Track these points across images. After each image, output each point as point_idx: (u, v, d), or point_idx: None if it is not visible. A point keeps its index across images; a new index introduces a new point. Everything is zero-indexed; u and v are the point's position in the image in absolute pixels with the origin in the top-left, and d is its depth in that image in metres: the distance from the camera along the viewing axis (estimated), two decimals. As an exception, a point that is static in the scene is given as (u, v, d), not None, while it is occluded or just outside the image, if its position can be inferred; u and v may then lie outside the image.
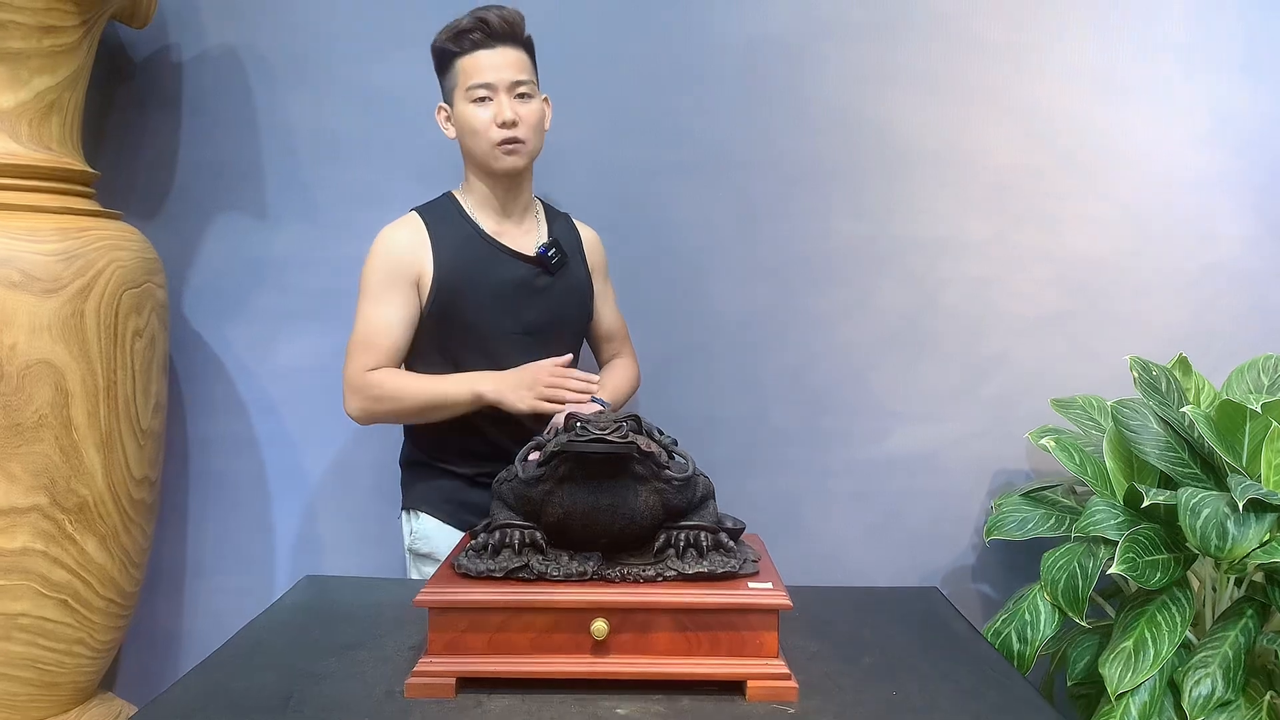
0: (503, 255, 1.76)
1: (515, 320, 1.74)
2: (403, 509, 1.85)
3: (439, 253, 1.72)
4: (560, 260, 1.78)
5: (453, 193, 1.81)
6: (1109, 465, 1.83)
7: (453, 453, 1.77)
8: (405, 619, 1.43)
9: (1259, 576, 1.71)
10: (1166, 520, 1.70)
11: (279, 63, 2.08)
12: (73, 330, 1.69)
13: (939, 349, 2.14)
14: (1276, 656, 1.62)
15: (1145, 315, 2.12)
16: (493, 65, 1.68)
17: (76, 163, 1.83)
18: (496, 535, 1.23)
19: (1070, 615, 1.71)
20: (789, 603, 1.17)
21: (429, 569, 1.78)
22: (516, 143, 1.70)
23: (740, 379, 2.14)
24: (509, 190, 1.77)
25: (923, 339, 2.14)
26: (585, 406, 1.63)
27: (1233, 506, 1.55)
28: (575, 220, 1.90)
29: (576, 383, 1.65)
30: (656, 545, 1.23)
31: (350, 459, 2.13)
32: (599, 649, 1.18)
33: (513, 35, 1.70)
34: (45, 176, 1.75)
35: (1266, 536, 1.55)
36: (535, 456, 1.24)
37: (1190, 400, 1.88)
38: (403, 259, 1.72)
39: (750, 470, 2.13)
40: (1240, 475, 1.63)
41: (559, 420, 1.57)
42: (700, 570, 1.20)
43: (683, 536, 1.23)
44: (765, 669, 1.18)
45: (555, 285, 1.79)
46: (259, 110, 2.09)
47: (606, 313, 1.93)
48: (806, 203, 2.11)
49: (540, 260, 1.77)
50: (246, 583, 2.14)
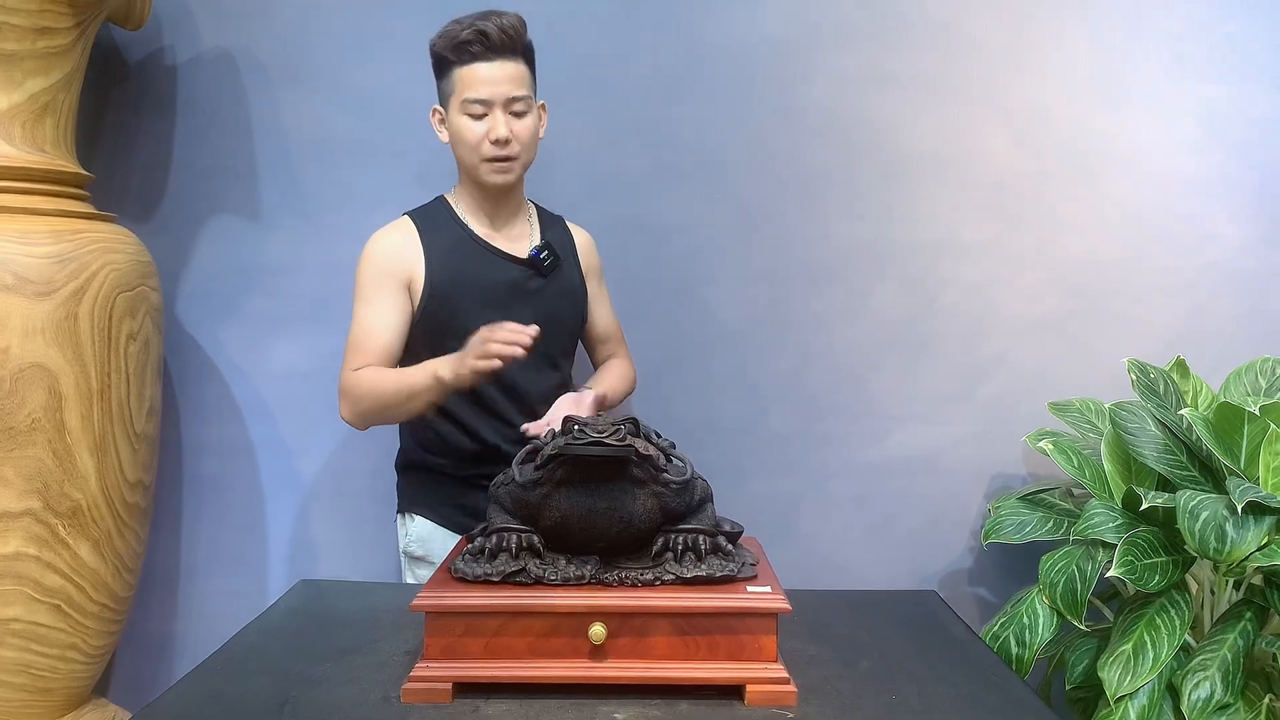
0: (495, 258, 1.75)
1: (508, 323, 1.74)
2: (398, 512, 1.85)
3: (431, 256, 1.72)
4: (552, 263, 1.78)
5: (445, 196, 1.81)
6: (1107, 468, 1.83)
7: (448, 455, 1.76)
8: (401, 623, 1.42)
9: (1258, 579, 1.71)
10: (1165, 523, 1.69)
11: (273, 65, 2.08)
12: (66, 333, 1.68)
13: (936, 352, 2.14)
14: (1275, 659, 1.61)
15: (1143, 317, 2.12)
16: (490, 79, 1.65)
17: (70, 165, 1.82)
18: (493, 539, 1.22)
19: (1069, 618, 1.71)
20: (788, 606, 1.17)
21: (424, 572, 1.77)
22: (508, 160, 1.69)
23: (738, 382, 2.13)
24: (501, 195, 1.76)
25: (920, 342, 2.14)
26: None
27: (1231, 509, 1.55)
28: (569, 223, 1.90)
29: (505, 333, 1.51)
30: (654, 549, 1.22)
31: (345, 462, 2.12)
32: (597, 653, 1.17)
33: (512, 47, 1.66)
34: (39, 179, 1.75)
35: (1265, 539, 1.55)
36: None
37: (1188, 403, 1.88)
38: (393, 262, 1.71)
39: (748, 473, 2.12)
40: (1239, 478, 1.63)
41: (548, 422, 1.56)
42: (698, 574, 1.20)
43: (681, 540, 1.22)
44: (764, 673, 1.18)
45: (548, 288, 1.78)
46: (253, 113, 2.08)
47: (601, 315, 1.92)
48: (804, 206, 2.11)
49: (532, 263, 1.76)
50: (241, 587, 2.13)
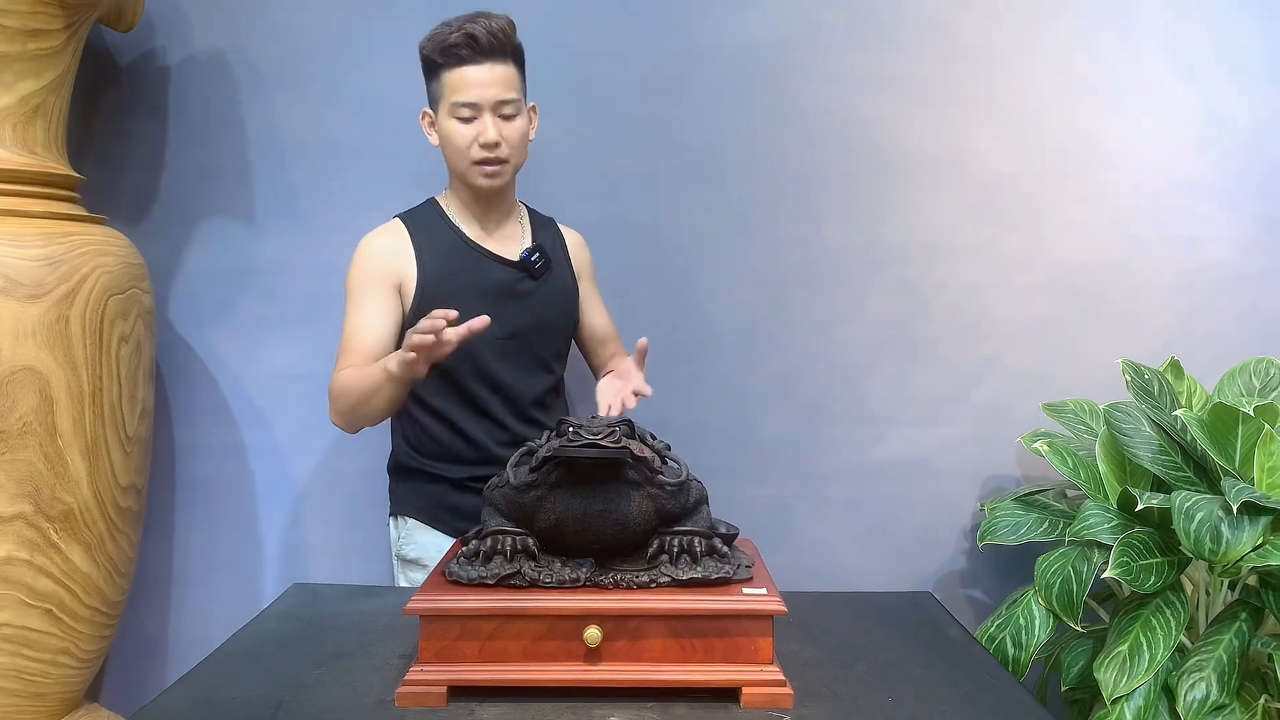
0: (486, 260, 1.74)
1: (499, 325, 1.71)
2: (390, 514, 1.84)
3: (422, 259, 1.71)
4: (543, 265, 1.77)
5: (436, 199, 1.80)
6: (1102, 469, 1.83)
7: (440, 457, 1.76)
8: (395, 627, 1.42)
9: (1253, 580, 1.71)
10: (1160, 524, 1.69)
11: (265, 67, 2.07)
12: (57, 336, 1.67)
13: (931, 354, 2.14)
14: (1270, 660, 1.61)
15: (1136, 319, 2.12)
16: (478, 83, 1.63)
17: (61, 167, 1.81)
18: (488, 542, 1.22)
19: (1065, 620, 1.70)
20: (784, 608, 1.17)
21: (416, 574, 1.77)
22: (498, 163, 1.68)
23: (733, 384, 2.13)
24: (492, 198, 1.75)
25: (914, 344, 2.13)
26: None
27: (1226, 510, 1.55)
28: (560, 225, 1.89)
29: (426, 322, 1.43)
30: (650, 551, 1.22)
31: (338, 465, 2.11)
32: (592, 656, 1.17)
33: (500, 50, 1.64)
34: (29, 181, 1.74)
35: (1260, 539, 1.55)
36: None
37: (1183, 403, 1.88)
38: (383, 264, 1.71)
39: (744, 475, 2.12)
40: (1233, 478, 1.63)
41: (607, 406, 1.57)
42: (694, 576, 1.19)
43: (676, 542, 1.22)
44: (760, 675, 1.17)
45: (539, 290, 1.77)
46: (246, 114, 2.07)
47: (597, 317, 1.91)
48: (797, 208, 2.11)
49: (523, 265, 1.75)
50: (234, 591, 2.12)
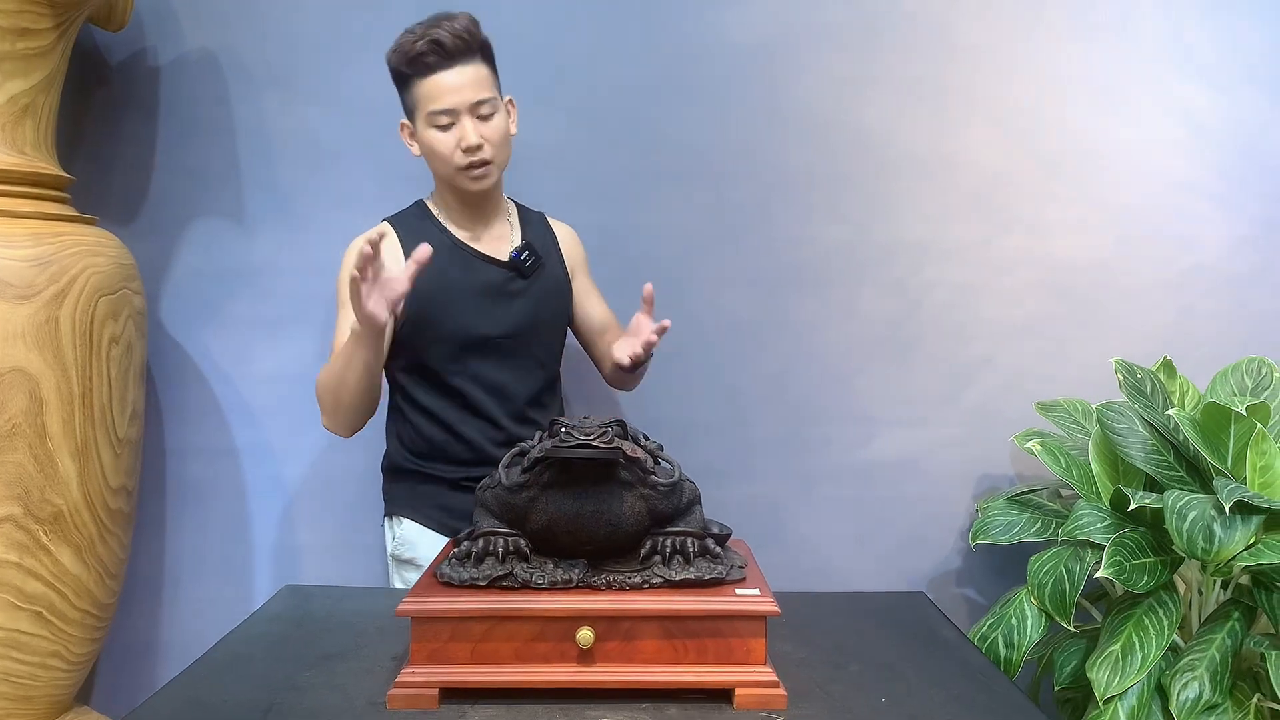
0: (476, 261, 1.74)
1: (491, 325, 1.72)
2: (385, 515, 1.83)
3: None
4: (534, 263, 1.76)
5: (424, 200, 1.80)
6: (1094, 468, 1.83)
7: (435, 458, 1.75)
8: (387, 628, 1.42)
9: (1245, 579, 1.71)
10: (1153, 523, 1.69)
11: (256, 67, 2.06)
12: (47, 337, 1.66)
13: (922, 354, 2.14)
14: (1263, 659, 1.61)
15: (1128, 318, 2.12)
16: (452, 88, 1.61)
17: (51, 167, 1.80)
18: (480, 543, 1.21)
19: (1057, 619, 1.70)
20: (777, 609, 1.16)
21: (412, 575, 1.76)
22: (484, 165, 1.66)
23: (725, 384, 2.13)
24: (480, 198, 1.74)
25: (906, 344, 2.13)
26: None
27: (1219, 509, 1.55)
28: (550, 218, 1.88)
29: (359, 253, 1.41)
30: (642, 552, 1.22)
31: (330, 466, 2.10)
32: (585, 658, 1.17)
33: (468, 50, 1.61)
34: (19, 181, 1.73)
35: (1252, 539, 1.55)
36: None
37: (1175, 403, 1.88)
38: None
39: (736, 476, 2.12)
40: (1226, 478, 1.63)
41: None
42: (687, 577, 1.19)
43: (669, 543, 1.22)
44: (753, 676, 1.17)
45: (531, 288, 1.77)
46: (237, 115, 2.07)
47: (595, 307, 1.90)
48: (788, 208, 2.11)
49: (514, 264, 1.75)
50: (225, 593, 2.11)
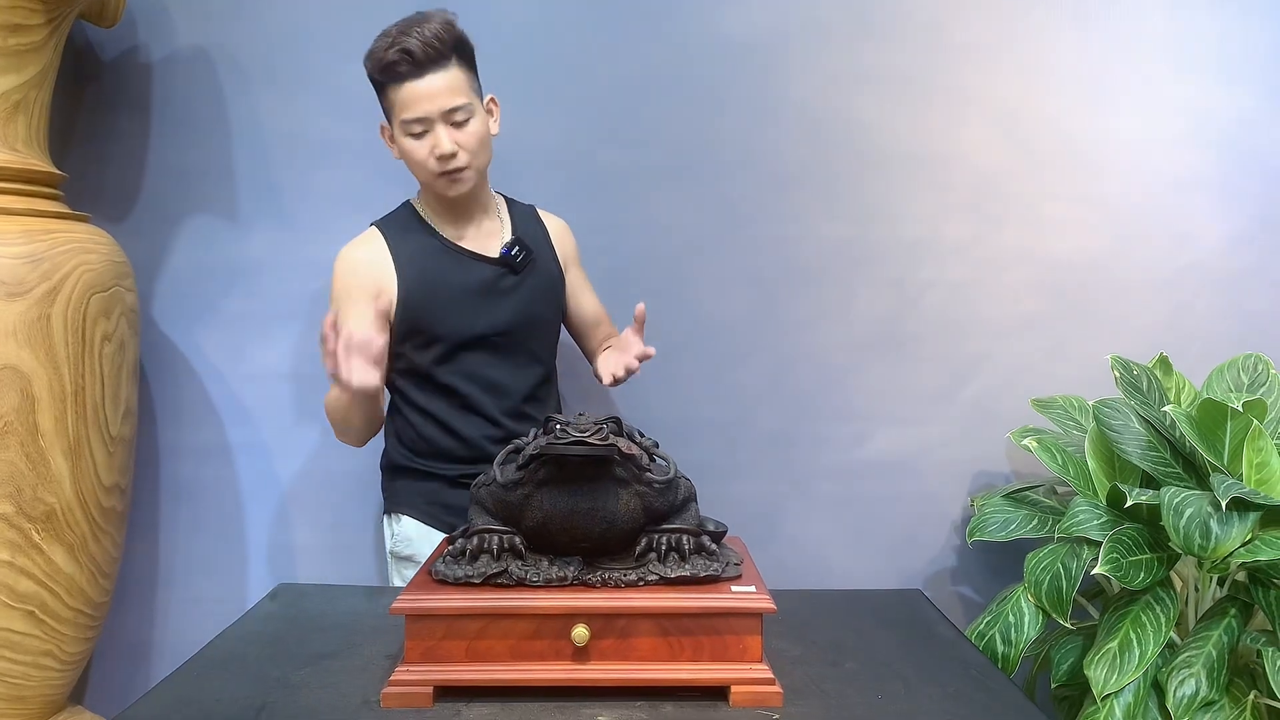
0: (466, 260, 1.72)
1: (485, 323, 1.71)
2: (384, 512, 1.83)
3: (401, 266, 1.69)
4: (525, 258, 1.75)
5: (411, 201, 1.78)
6: (1091, 465, 1.83)
7: (433, 454, 1.75)
8: (382, 627, 1.41)
9: (1242, 575, 1.71)
10: (1149, 520, 1.69)
11: (250, 63, 2.05)
12: (39, 334, 1.65)
13: (919, 351, 2.13)
14: (1260, 655, 1.61)
15: (1125, 315, 2.12)
16: (423, 97, 1.58)
17: (43, 164, 1.79)
18: (474, 540, 1.21)
19: (1054, 616, 1.70)
20: (773, 606, 1.16)
21: (411, 572, 1.75)
22: (459, 170, 1.65)
23: (720, 382, 2.12)
24: (464, 198, 1.72)
25: (902, 341, 2.13)
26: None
27: (1215, 506, 1.55)
28: (541, 211, 1.87)
29: (330, 344, 1.43)
30: (638, 549, 1.21)
31: (324, 465, 2.10)
32: (580, 655, 1.16)
33: (439, 56, 1.58)
34: (11, 178, 1.72)
35: (1249, 535, 1.54)
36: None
37: (1171, 399, 1.88)
38: (361, 277, 1.69)
39: (732, 473, 2.11)
40: (1222, 474, 1.63)
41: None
42: (682, 574, 1.19)
43: (664, 540, 1.21)
44: (749, 674, 1.17)
45: (523, 284, 1.76)
46: (230, 111, 2.05)
47: (587, 300, 1.90)
48: (784, 206, 2.10)
49: (505, 261, 1.74)
50: (219, 591, 2.10)
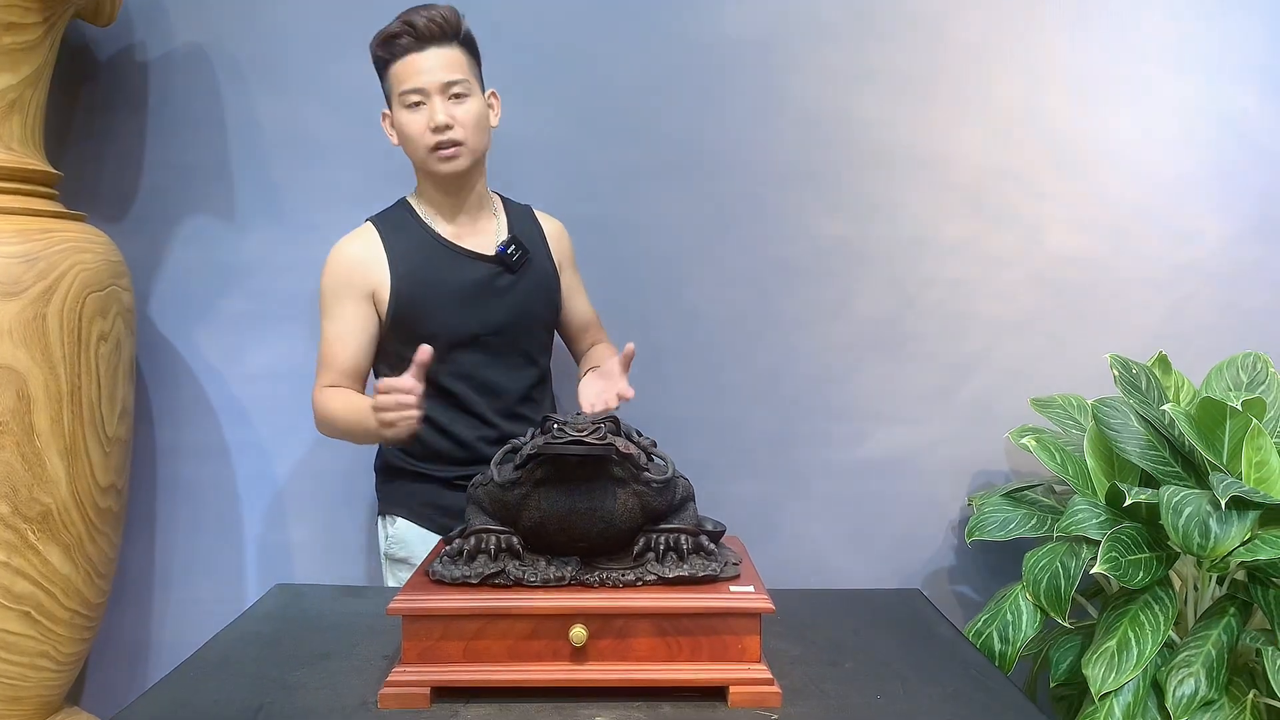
0: (461, 258, 1.72)
1: (479, 323, 1.71)
2: (378, 514, 1.82)
3: (395, 262, 1.69)
4: (521, 257, 1.74)
5: (407, 198, 1.78)
6: (1090, 464, 1.82)
7: (429, 456, 1.74)
8: (379, 627, 1.41)
9: (1241, 574, 1.70)
10: (1148, 519, 1.69)
11: (247, 62, 2.04)
12: (34, 334, 1.65)
13: (918, 350, 2.13)
14: (1259, 655, 1.61)
15: (1124, 314, 2.12)
16: (422, 68, 1.62)
17: (38, 163, 1.79)
18: (472, 540, 1.20)
19: (1053, 615, 1.70)
20: (771, 606, 1.16)
21: (405, 574, 1.75)
22: (453, 145, 1.64)
23: (719, 381, 2.12)
24: (460, 190, 1.72)
25: (902, 340, 2.13)
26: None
27: (1214, 504, 1.54)
28: (537, 211, 1.86)
29: (387, 398, 1.47)
30: (636, 549, 1.21)
31: (321, 465, 2.09)
32: (578, 655, 1.16)
33: (443, 35, 1.63)
34: (6, 177, 1.71)
35: (1248, 534, 1.54)
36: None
37: (1170, 398, 1.88)
38: (354, 273, 1.68)
39: (730, 473, 2.11)
40: (1222, 473, 1.63)
41: (590, 404, 1.56)
42: (681, 574, 1.18)
43: (663, 540, 1.21)
44: (748, 674, 1.16)
45: (518, 283, 1.75)
46: (226, 110, 2.05)
47: (579, 304, 1.89)
48: (783, 204, 2.10)
49: (500, 259, 1.73)
50: (216, 592, 2.09)
